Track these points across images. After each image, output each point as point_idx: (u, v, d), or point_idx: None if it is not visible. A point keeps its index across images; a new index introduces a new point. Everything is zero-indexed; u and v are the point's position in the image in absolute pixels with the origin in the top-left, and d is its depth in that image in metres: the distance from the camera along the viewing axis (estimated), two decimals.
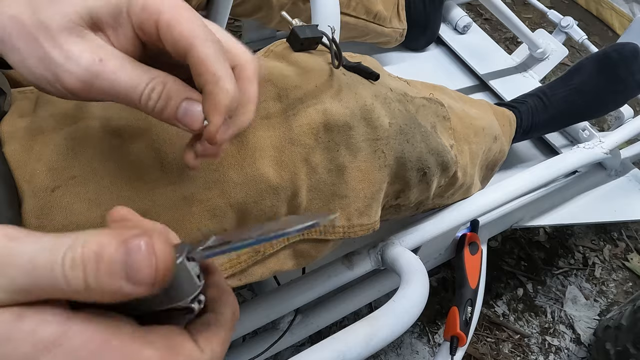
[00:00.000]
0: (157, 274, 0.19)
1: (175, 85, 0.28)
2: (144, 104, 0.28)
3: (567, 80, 0.88)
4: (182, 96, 0.28)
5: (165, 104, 0.28)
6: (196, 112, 0.28)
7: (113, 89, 0.27)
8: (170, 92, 0.28)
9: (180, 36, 0.27)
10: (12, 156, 0.36)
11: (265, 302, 0.61)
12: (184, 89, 0.28)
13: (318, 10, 0.59)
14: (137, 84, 0.27)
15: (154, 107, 0.28)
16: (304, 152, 0.44)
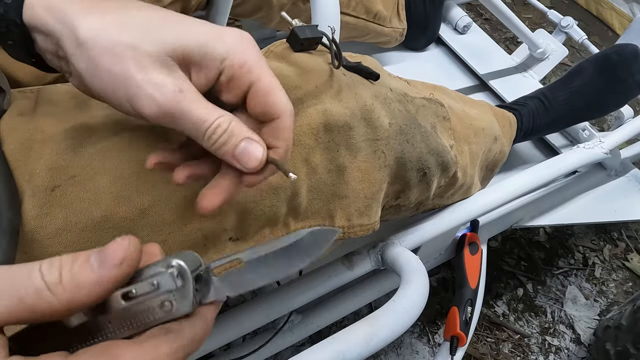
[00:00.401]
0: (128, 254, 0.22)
1: (238, 125, 0.31)
2: (208, 138, 0.30)
3: (567, 82, 0.88)
4: (243, 135, 0.30)
5: (226, 139, 0.30)
6: (254, 152, 0.30)
7: (185, 119, 0.29)
8: (234, 130, 0.30)
9: (274, 105, 0.31)
10: (12, 155, 0.36)
11: (265, 302, 0.61)
12: (247, 130, 0.31)
13: (318, 10, 0.59)
14: (207, 118, 0.29)
15: (215, 141, 0.30)
16: (304, 152, 0.44)
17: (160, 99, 0.29)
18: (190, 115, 0.29)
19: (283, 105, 0.32)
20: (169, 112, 0.29)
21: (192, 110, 0.29)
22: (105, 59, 0.28)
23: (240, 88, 0.31)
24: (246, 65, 0.30)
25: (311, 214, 0.47)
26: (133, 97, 0.29)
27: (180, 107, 0.29)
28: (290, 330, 0.72)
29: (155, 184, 0.39)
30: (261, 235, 0.45)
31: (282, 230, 0.47)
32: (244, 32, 0.32)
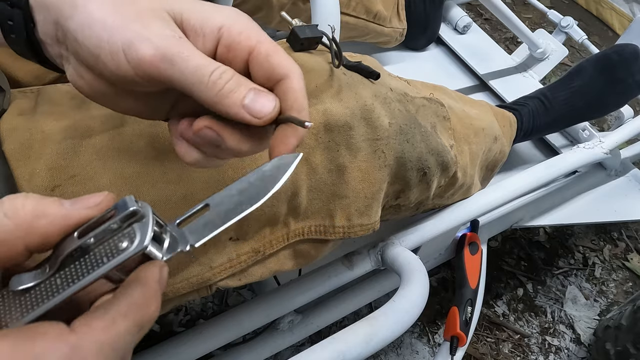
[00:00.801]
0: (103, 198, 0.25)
1: (244, 78, 0.29)
2: (212, 84, 0.27)
3: (567, 82, 0.88)
4: (250, 85, 0.28)
5: (233, 87, 0.27)
6: (266, 102, 0.28)
7: (186, 63, 0.27)
8: (240, 79, 0.28)
9: (279, 65, 0.29)
10: (12, 155, 0.36)
11: (265, 302, 0.61)
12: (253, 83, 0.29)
13: (318, 10, 0.59)
14: (209, 64, 0.27)
15: (222, 87, 0.27)
16: (304, 152, 0.44)
17: (158, 41, 0.27)
18: (191, 59, 0.27)
19: (289, 65, 0.29)
20: (168, 54, 0.27)
21: (193, 54, 0.27)
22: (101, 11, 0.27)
23: (240, 56, 0.29)
24: (245, 32, 0.29)
25: (311, 213, 0.47)
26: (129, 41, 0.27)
27: (179, 50, 0.27)
28: (290, 330, 0.72)
29: (155, 183, 0.39)
30: (261, 235, 0.46)
31: (282, 230, 0.47)
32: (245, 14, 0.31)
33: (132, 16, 0.27)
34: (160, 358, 0.56)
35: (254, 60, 0.29)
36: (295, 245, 0.49)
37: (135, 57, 0.27)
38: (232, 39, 0.29)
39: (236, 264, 0.44)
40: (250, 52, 0.29)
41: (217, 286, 0.44)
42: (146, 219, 0.24)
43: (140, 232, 0.24)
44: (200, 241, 0.26)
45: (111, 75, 0.28)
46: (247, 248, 0.45)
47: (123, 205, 0.24)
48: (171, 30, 0.27)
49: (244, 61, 0.29)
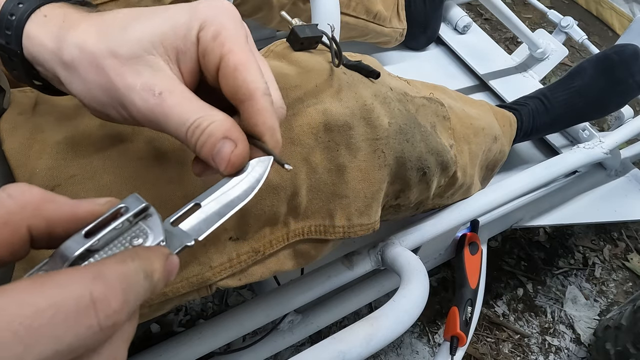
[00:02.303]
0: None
1: (220, 123, 0.28)
2: (189, 140, 0.28)
3: (567, 83, 0.88)
4: (220, 135, 0.28)
5: (205, 141, 0.28)
6: (224, 153, 0.28)
7: (168, 123, 0.28)
8: (212, 130, 0.28)
9: (244, 84, 0.28)
10: (12, 155, 0.36)
11: (265, 302, 0.61)
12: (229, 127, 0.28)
13: (318, 10, 0.59)
14: (187, 118, 0.28)
15: (195, 143, 0.28)
16: (304, 152, 0.44)
17: (142, 105, 0.28)
18: (171, 118, 0.28)
19: (255, 84, 0.28)
20: (151, 118, 0.28)
21: (172, 112, 0.28)
22: (90, 74, 0.28)
23: (212, 62, 0.29)
24: (220, 37, 0.28)
25: (311, 213, 0.47)
26: (123, 105, 0.28)
27: (160, 111, 0.28)
28: (290, 330, 0.72)
29: (155, 183, 0.39)
30: (261, 235, 0.46)
31: (282, 230, 0.47)
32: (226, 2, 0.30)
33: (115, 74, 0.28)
34: (160, 358, 0.56)
35: (222, 71, 0.29)
36: (295, 245, 0.49)
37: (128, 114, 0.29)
38: (206, 44, 0.28)
39: (236, 264, 0.44)
40: (220, 60, 0.28)
41: (217, 286, 0.44)
42: (153, 216, 0.25)
43: (152, 227, 0.24)
44: (202, 235, 0.27)
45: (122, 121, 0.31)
46: (247, 248, 0.45)
47: (133, 203, 0.24)
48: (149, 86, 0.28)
49: (217, 69, 0.29)
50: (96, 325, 0.19)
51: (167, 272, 0.23)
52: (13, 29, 0.29)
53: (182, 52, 0.29)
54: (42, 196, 0.23)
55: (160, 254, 0.23)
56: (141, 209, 0.24)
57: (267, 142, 0.29)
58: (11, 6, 0.29)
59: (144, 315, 0.42)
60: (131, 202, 0.24)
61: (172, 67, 0.29)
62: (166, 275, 0.23)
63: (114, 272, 0.20)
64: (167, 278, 0.23)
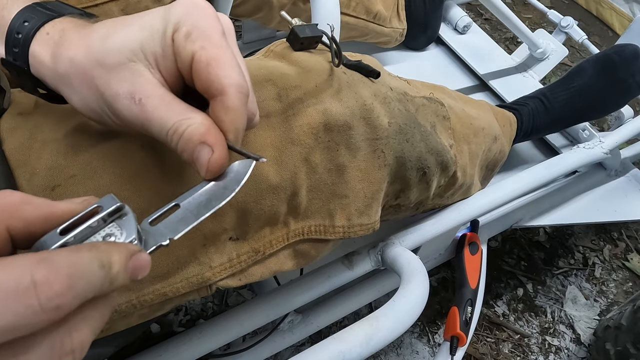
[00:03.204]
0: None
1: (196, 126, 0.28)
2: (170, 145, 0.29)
3: (567, 83, 0.88)
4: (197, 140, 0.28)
5: (184, 147, 0.29)
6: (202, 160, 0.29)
7: (151, 128, 0.29)
8: (190, 135, 0.28)
9: (216, 78, 0.28)
10: (12, 155, 0.36)
11: (265, 302, 0.61)
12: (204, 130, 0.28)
13: (318, 10, 0.59)
14: (165, 124, 0.29)
15: (175, 148, 0.29)
16: (304, 152, 0.44)
17: (126, 112, 0.29)
18: (153, 123, 0.29)
19: (228, 79, 0.28)
20: (137, 123, 0.29)
21: (153, 117, 0.29)
22: (82, 86, 0.29)
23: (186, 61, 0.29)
24: (191, 35, 0.28)
25: (311, 213, 0.47)
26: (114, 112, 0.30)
27: (143, 117, 0.29)
28: (290, 330, 0.72)
29: (155, 183, 0.39)
30: (261, 235, 0.46)
31: (282, 230, 0.47)
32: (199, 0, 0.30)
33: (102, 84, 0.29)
34: (160, 358, 0.56)
35: (194, 67, 0.29)
36: (295, 245, 0.49)
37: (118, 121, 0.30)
38: (178, 44, 0.29)
39: (236, 264, 0.44)
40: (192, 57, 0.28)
41: (217, 286, 0.44)
42: (128, 215, 0.26)
43: (125, 227, 0.25)
44: (178, 234, 0.28)
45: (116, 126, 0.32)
46: (247, 248, 0.45)
47: (108, 202, 0.25)
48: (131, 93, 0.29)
49: (190, 67, 0.29)
50: (37, 305, 0.19)
51: (133, 268, 0.24)
52: (20, 47, 0.30)
53: (160, 56, 0.29)
54: (20, 199, 0.24)
55: (124, 249, 0.24)
56: (115, 208, 0.25)
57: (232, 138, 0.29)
58: (18, 24, 0.30)
59: (144, 315, 0.42)
60: (106, 202, 0.25)
61: (153, 72, 0.30)
62: (131, 270, 0.24)
63: (63, 258, 0.21)
64: (134, 274, 0.24)
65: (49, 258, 0.20)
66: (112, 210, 0.25)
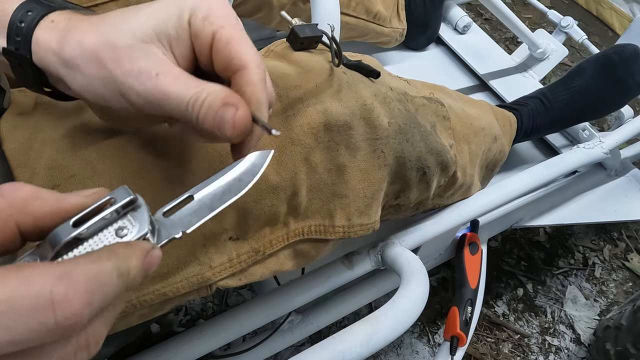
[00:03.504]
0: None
1: (215, 92, 0.29)
2: (190, 115, 0.29)
3: (567, 83, 0.88)
4: (219, 102, 0.28)
5: (206, 112, 0.28)
6: (227, 117, 0.28)
7: (168, 102, 0.29)
8: (211, 101, 0.28)
9: (237, 54, 0.29)
10: (12, 155, 0.36)
11: (265, 302, 0.61)
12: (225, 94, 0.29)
13: (318, 10, 0.59)
14: (185, 94, 0.28)
15: (197, 116, 0.28)
16: (304, 152, 0.44)
17: (140, 88, 0.28)
18: (170, 97, 0.28)
19: (248, 56, 0.29)
20: (151, 99, 0.29)
21: (170, 91, 0.28)
22: (90, 68, 0.29)
23: (205, 43, 0.30)
24: (209, 17, 0.29)
25: (311, 213, 0.47)
26: (122, 92, 0.29)
27: (158, 91, 0.28)
28: (290, 330, 0.72)
29: (155, 183, 0.39)
30: (261, 235, 0.46)
31: (282, 230, 0.47)
32: None
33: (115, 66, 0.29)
34: (160, 358, 0.56)
35: (214, 46, 0.29)
36: (295, 245, 0.49)
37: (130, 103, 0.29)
38: (196, 26, 0.29)
39: (236, 264, 0.44)
40: (212, 37, 0.29)
41: (217, 286, 0.44)
42: (141, 207, 0.25)
43: (139, 219, 0.25)
44: (191, 228, 0.27)
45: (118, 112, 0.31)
46: (247, 248, 0.45)
47: (121, 194, 0.25)
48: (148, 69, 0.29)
49: (210, 47, 0.30)
50: (52, 323, 0.19)
51: (147, 266, 0.24)
52: (22, 35, 0.30)
53: (174, 39, 0.30)
54: (30, 193, 0.24)
55: (140, 250, 0.24)
56: (129, 201, 0.25)
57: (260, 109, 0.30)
58: (20, 14, 0.30)
59: (144, 315, 0.42)
60: (119, 194, 0.25)
61: (166, 53, 0.30)
62: (144, 270, 0.24)
63: (83, 272, 0.21)
64: (146, 272, 0.24)
65: (70, 273, 0.20)
66: (125, 203, 0.25)
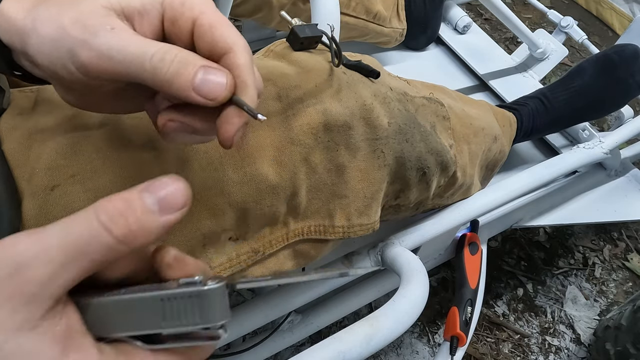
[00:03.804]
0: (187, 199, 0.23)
1: (190, 53, 0.27)
2: (155, 67, 0.26)
3: (567, 83, 0.88)
4: (199, 63, 0.26)
5: (178, 69, 0.26)
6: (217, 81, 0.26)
7: (125, 56, 0.26)
8: (187, 58, 0.26)
9: (222, 38, 0.27)
10: (12, 155, 0.36)
11: (265, 302, 0.61)
12: (201, 58, 0.27)
13: (318, 10, 0.59)
14: (147, 49, 0.26)
15: (166, 71, 0.26)
16: (304, 152, 0.44)
17: (93, 41, 0.26)
18: (128, 49, 0.26)
19: (233, 38, 0.27)
20: (105, 53, 0.26)
21: (129, 44, 0.26)
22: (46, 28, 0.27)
23: (185, 28, 0.28)
24: (187, 2, 0.28)
25: (311, 213, 0.47)
26: (72, 51, 0.27)
27: (115, 44, 0.26)
28: (290, 330, 0.72)
29: None
30: (261, 235, 0.46)
31: (281, 230, 0.47)
32: None
33: (71, 24, 0.27)
34: None
35: (196, 32, 0.28)
36: (295, 245, 0.49)
37: (79, 63, 0.27)
38: (174, 11, 0.28)
39: (236, 264, 0.44)
40: (193, 23, 0.28)
41: None
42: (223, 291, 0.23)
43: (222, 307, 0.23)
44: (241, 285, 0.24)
45: (72, 84, 0.29)
46: (246, 248, 0.45)
47: None
48: (103, 24, 0.26)
49: (190, 33, 0.28)
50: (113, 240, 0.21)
51: None
52: None
53: (139, 16, 0.28)
54: None
55: None
56: None
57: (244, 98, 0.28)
58: None
59: None
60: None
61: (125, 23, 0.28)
62: None
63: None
64: None
65: None
66: None
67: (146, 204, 0.22)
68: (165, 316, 0.22)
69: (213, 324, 0.22)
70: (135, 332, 0.22)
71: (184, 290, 0.22)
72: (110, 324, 0.22)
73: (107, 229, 0.21)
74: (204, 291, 0.22)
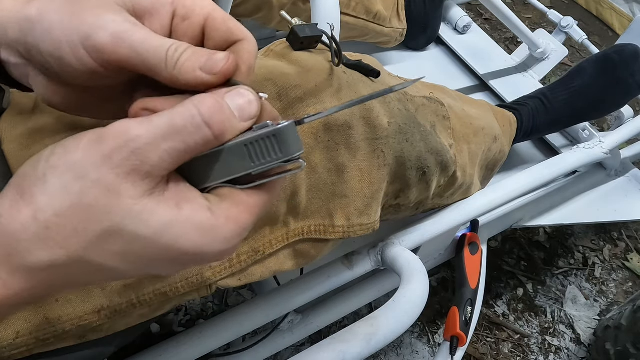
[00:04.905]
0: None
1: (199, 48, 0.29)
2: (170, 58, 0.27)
3: (567, 83, 0.88)
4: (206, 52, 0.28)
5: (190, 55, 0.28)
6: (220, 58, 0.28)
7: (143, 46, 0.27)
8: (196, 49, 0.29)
9: (236, 28, 0.30)
10: (12, 155, 0.36)
11: (265, 302, 0.61)
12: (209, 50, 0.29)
13: (318, 9, 0.59)
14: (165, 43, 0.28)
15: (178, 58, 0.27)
16: (304, 152, 0.44)
17: (113, 27, 0.27)
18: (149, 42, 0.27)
19: (246, 31, 0.31)
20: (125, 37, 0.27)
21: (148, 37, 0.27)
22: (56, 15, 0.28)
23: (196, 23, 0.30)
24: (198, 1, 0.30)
25: (311, 213, 0.47)
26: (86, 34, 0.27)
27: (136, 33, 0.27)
28: (290, 330, 0.72)
29: None
30: (261, 235, 0.45)
31: (281, 229, 0.47)
32: None
33: (84, 12, 0.27)
34: (160, 358, 0.56)
35: (210, 24, 0.30)
36: (295, 245, 0.49)
37: (94, 46, 0.27)
38: (186, 9, 0.30)
39: (236, 264, 0.44)
40: (206, 18, 0.30)
41: (217, 286, 0.44)
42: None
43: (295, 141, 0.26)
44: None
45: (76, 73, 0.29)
46: (246, 247, 0.45)
47: None
48: (124, 18, 0.28)
49: (200, 28, 0.30)
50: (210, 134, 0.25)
51: None
52: None
53: (149, 15, 0.29)
54: None
55: None
56: None
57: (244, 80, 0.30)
58: None
59: (144, 315, 0.42)
60: None
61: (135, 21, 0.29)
62: None
63: None
64: None
65: None
66: None
67: (231, 107, 0.26)
68: (252, 158, 0.26)
69: (292, 155, 0.26)
70: (231, 176, 0.26)
71: (263, 131, 0.26)
72: (209, 176, 0.27)
73: (208, 124, 0.25)
74: (279, 129, 0.26)
